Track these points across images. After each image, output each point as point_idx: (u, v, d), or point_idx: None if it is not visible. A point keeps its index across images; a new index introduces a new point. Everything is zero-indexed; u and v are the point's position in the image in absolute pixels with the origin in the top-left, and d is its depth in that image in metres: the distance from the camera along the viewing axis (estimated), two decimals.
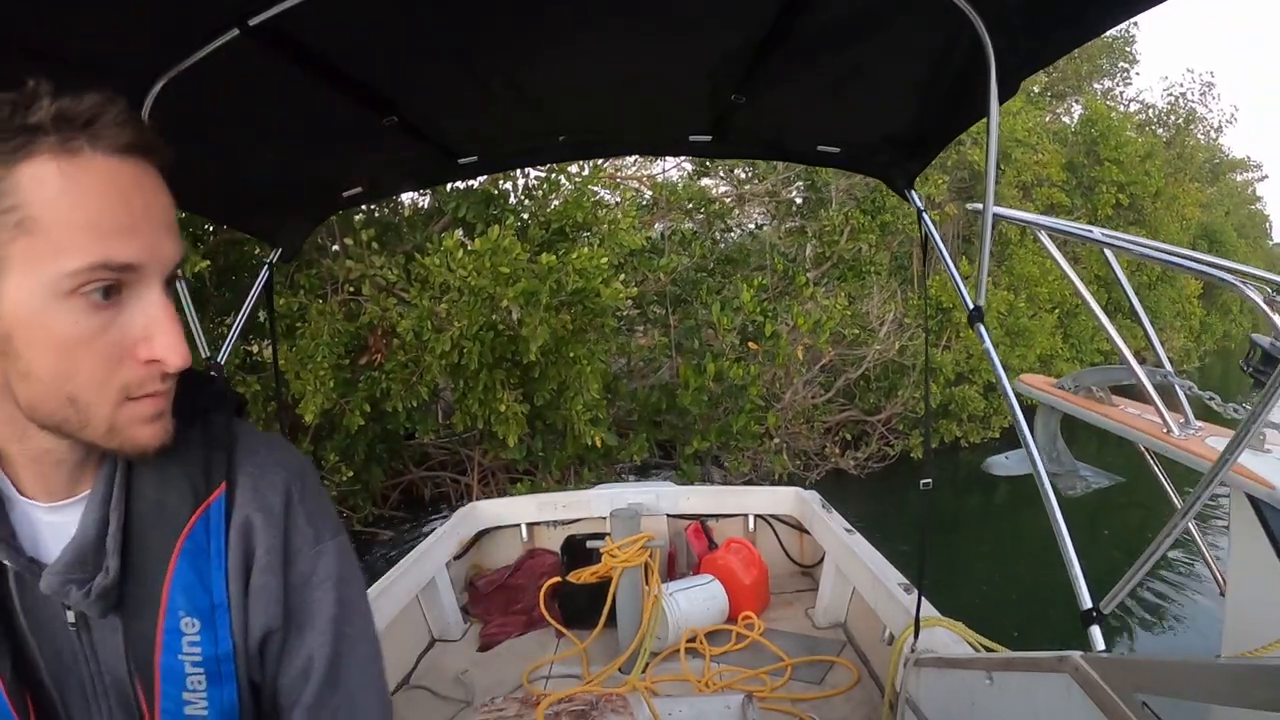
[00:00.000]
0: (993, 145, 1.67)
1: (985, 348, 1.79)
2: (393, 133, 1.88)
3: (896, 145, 2.11)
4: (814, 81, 1.84)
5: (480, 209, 6.56)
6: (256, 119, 1.70)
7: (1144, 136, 17.80)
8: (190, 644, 0.75)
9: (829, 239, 10.09)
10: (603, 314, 6.18)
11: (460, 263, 5.56)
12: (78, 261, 0.62)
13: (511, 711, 2.53)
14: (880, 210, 10.00)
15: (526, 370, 6.05)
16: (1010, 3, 1.42)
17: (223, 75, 1.38)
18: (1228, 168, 21.13)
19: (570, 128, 2.21)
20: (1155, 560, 1.25)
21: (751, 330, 7.99)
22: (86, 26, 1.14)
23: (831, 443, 10.16)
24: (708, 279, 9.20)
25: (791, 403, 9.26)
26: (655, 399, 7.56)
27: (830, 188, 10.29)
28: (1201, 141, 20.36)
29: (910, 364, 10.47)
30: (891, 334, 10.26)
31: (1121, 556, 7.47)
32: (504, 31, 1.54)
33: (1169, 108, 20.10)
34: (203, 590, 0.75)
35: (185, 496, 0.76)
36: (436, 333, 5.74)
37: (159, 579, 0.74)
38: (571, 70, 1.77)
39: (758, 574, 3.51)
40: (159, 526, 0.75)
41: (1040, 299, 12.52)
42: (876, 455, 10.29)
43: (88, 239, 0.62)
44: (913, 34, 1.61)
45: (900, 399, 10.42)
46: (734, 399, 7.61)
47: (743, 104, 1.92)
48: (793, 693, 2.85)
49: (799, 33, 1.53)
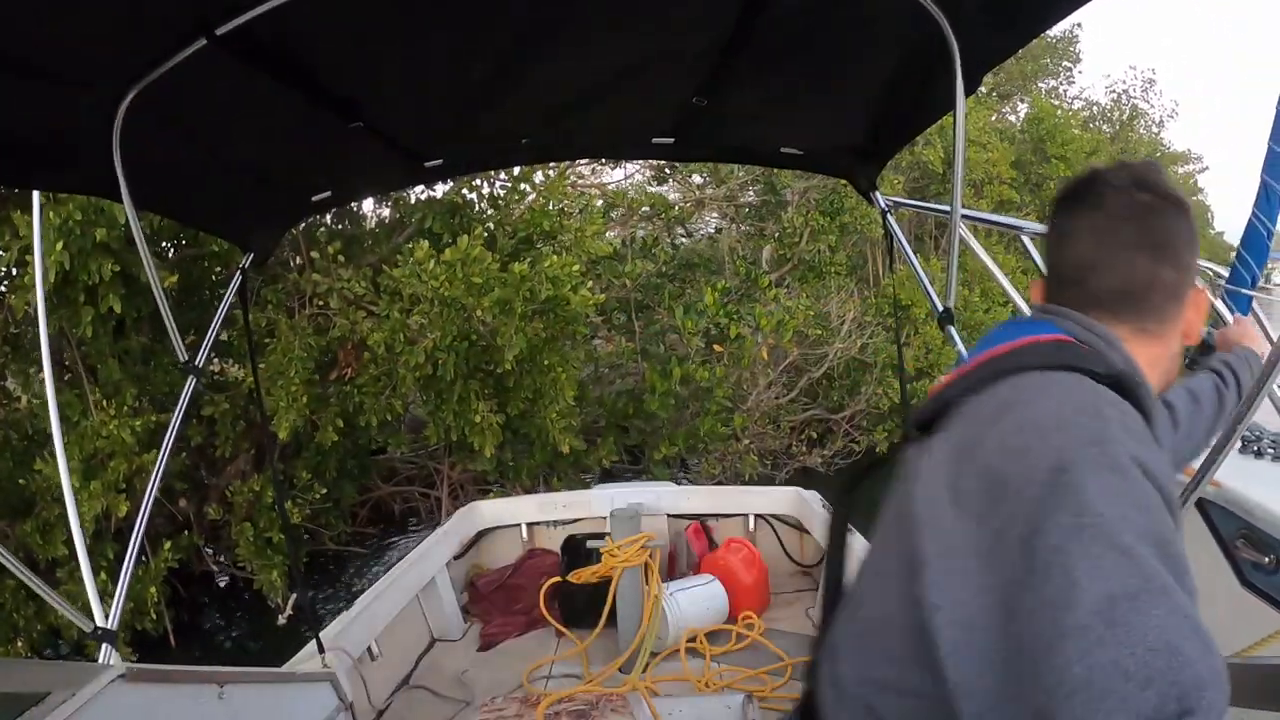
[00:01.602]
0: (959, 142, 1.71)
1: (957, 350, 1.84)
2: (359, 138, 1.91)
3: (859, 146, 2.14)
4: (776, 84, 1.87)
5: (445, 219, 6.54)
6: (227, 125, 1.72)
7: (1089, 133, 18.33)
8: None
9: (789, 241, 10.21)
10: (574, 321, 6.18)
11: (432, 273, 5.54)
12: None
13: (511, 711, 2.54)
14: (839, 211, 10.15)
15: (500, 380, 6.03)
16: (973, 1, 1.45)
17: (193, 83, 1.41)
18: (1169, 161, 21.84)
19: (533, 131, 2.24)
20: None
21: (715, 333, 8.05)
22: (58, 38, 1.16)
23: (798, 441, 10.31)
24: (668, 284, 9.26)
25: (757, 404, 9.36)
26: (622, 404, 7.58)
27: (788, 190, 10.43)
28: (1144, 136, 21.01)
29: (872, 361, 10.66)
30: (853, 332, 10.45)
31: None
32: (467, 38, 1.57)
33: (1112, 104, 20.76)
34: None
35: None
36: (409, 345, 5.71)
37: None
38: (535, 74, 1.79)
39: (758, 574, 3.54)
40: None
41: (994, 294, 12.82)
42: (842, 452, 10.45)
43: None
44: (875, 35, 1.63)
45: (864, 396, 10.60)
46: (700, 402, 7.66)
47: (705, 106, 1.94)
48: (793, 693, 2.77)
49: (761, 35, 1.56)
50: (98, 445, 5.13)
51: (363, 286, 6.22)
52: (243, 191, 2.14)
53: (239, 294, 2.37)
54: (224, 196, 2.11)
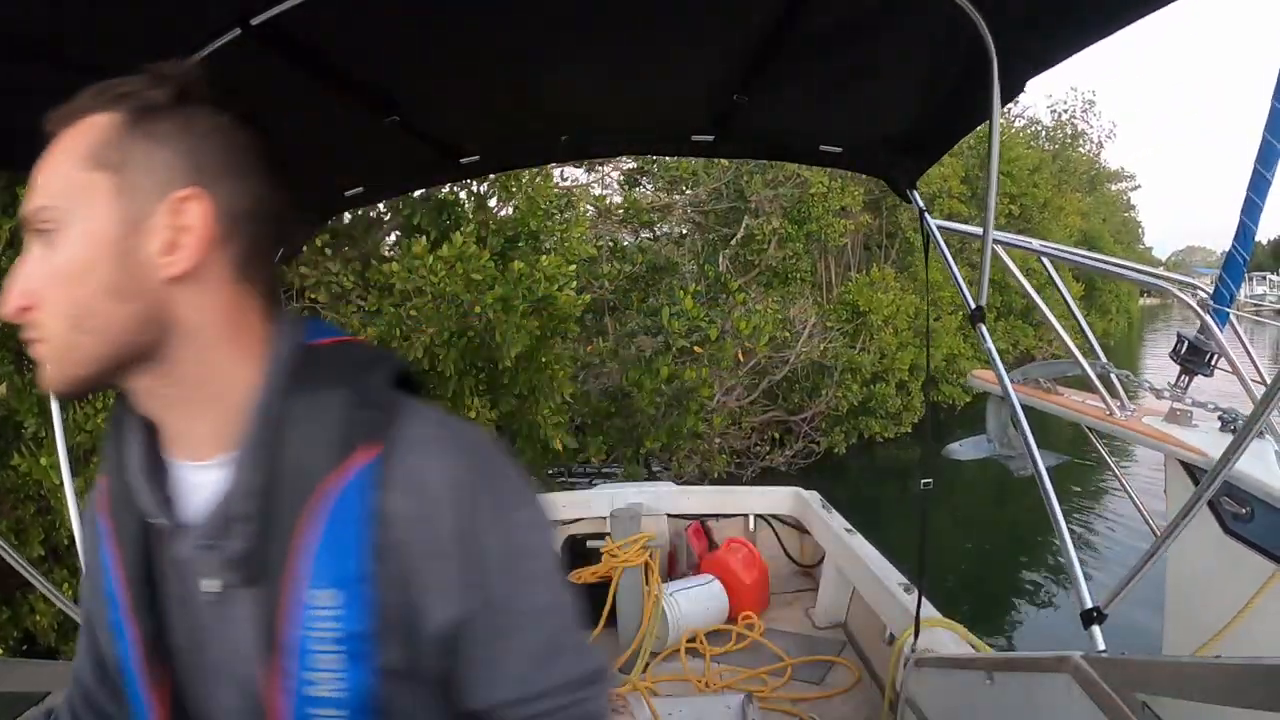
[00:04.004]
0: (994, 146, 1.69)
1: (986, 347, 1.81)
2: (394, 133, 1.87)
3: (898, 146, 2.10)
4: (816, 81, 1.82)
5: (434, 215, 6.52)
6: (259, 118, 1.68)
7: (1033, 151, 19.05)
8: (326, 618, 0.67)
9: (757, 247, 10.41)
10: (566, 320, 6.24)
11: (432, 268, 5.54)
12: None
13: None
14: (806, 220, 10.37)
15: (494, 376, 6.07)
16: (1012, 3, 1.40)
17: (226, 74, 1.38)
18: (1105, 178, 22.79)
19: (572, 127, 2.18)
20: (1155, 561, 1.28)
21: (695, 335, 8.22)
22: (88, 27, 1.13)
23: (761, 441, 10.58)
24: (635, 288, 9.37)
25: (723, 404, 9.56)
26: (605, 403, 7.68)
27: (757, 197, 10.65)
28: (1084, 154, 21.93)
29: (832, 365, 10.99)
30: (815, 336, 10.74)
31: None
32: (506, 31, 1.53)
33: (1055, 124, 21.63)
34: (341, 562, 0.67)
35: (328, 458, 0.68)
36: (405, 340, 5.68)
37: (295, 546, 0.67)
38: (574, 70, 1.76)
39: (758, 574, 3.52)
40: (297, 490, 0.68)
41: (943, 303, 13.26)
42: (803, 452, 10.78)
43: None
44: (916, 34, 1.59)
45: (824, 399, 10.91)
46: (682, 401, 7.81)
47: (745, 104, 1.89)
48: (793, 693, 2.85)
49: (801, 32, 1.52)
50: (78, 440, 5.00)
51: (350, 281, 6.16)
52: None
53: None
54: None
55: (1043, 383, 3.91)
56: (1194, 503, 1.22)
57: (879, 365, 11.75)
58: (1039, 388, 3.89)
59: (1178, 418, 3.27)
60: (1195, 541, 2.85)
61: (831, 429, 11.22)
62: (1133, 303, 32.81)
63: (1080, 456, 6.60)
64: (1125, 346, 24.28)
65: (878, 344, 11.87)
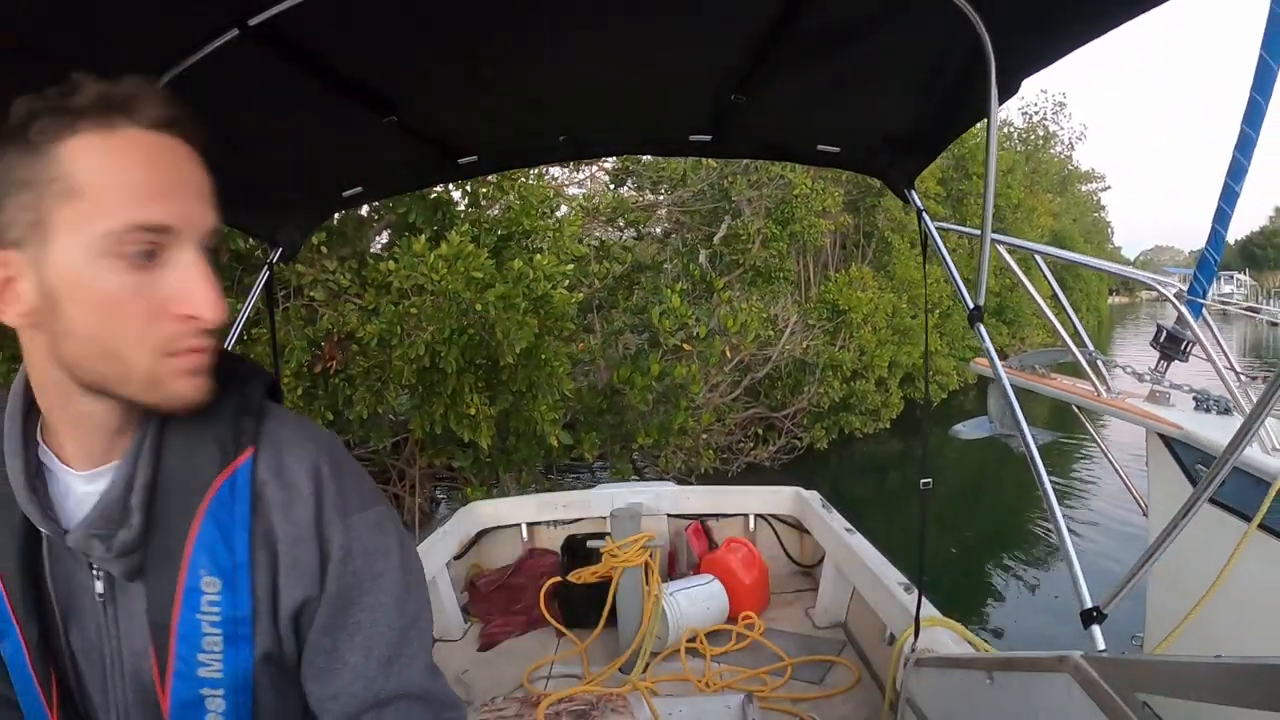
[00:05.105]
0: (992, 147, 1.71)
1: (985, 347, 1.84)
2: (393, 133, 1.87)
3: (896, 145, 2.11)
4: (814, 81, 1.81)
5: (428, 214, 6.57)
6: (257, 118, 1.68)
7: (1005, 152, 19.32)
8: (210, 603, 0.75)
9: (741, 247, 10.52)
10: (562, 318, 6.30)
11: (433, 266, 5.58)
12: (116, 223, 0.67)
13: (511, 711, 2.53)
14: (790, 220, 10.49)
15: (494, 373, 6.12)
16: (1010, 2, 1.41)
17: (223, 75, 1.37)
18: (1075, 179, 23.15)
19: (570, 128, 2.18)
20: (1157, 558, 1.28)
21: (683, 333, 8.30)
22: (86, 26, 1.12)
23: (745, 437, 10.73)
24: (621, 287, 9.42)
25: (708, 400, 9.66)
26: (596, 400, 7.75)
27: (740, 197, 10.74)
28: (1055, 156, 22.28)
29: (813, 362, 11.16)
30: (797, 334, 10.90)
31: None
32: (504, 31, 1.53)
33: (1027, 126, 21.96)
34: (225, 550, 0.75)
35: (214, 458, 0.77)
36: (405, 337, 5.73)
37: (182, 537, 0.75)
38: (572, 70, 1.76)
39: (758, 574, 3.52)
40: (185, 486, 0.76)
41: (919, 302, 13.45)
42: (786, 448, 10.98)
43: (125, 203, 0.68)
44: (913, 33, 1.60)
45: (805, 395, 11.07)
46: (671, 398, 7.90)
47: (743, 104, 1.89)
48: (793, 692, 2.85)
49: (799, 32, 1.52)
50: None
51: (347, 279, 6.19)
52: (271, 186, 2.08)
53: (265, 289, 2.33)
54: (252, 191, 2.02)
55: (1038, 369, 4.35)
56: (1193, 503, 1.22)
57: (859, 363, 11.94)
58: (1034, 373, 4.30)
59: (1157, 398, 3.69)
60: (1175, 507, 2.96)
61: (813, 425, 11.41)
62: (1102, 301, 33.52)
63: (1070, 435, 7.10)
64: (1096, 341, 24.75)
65: (857, 342, 12.07)
